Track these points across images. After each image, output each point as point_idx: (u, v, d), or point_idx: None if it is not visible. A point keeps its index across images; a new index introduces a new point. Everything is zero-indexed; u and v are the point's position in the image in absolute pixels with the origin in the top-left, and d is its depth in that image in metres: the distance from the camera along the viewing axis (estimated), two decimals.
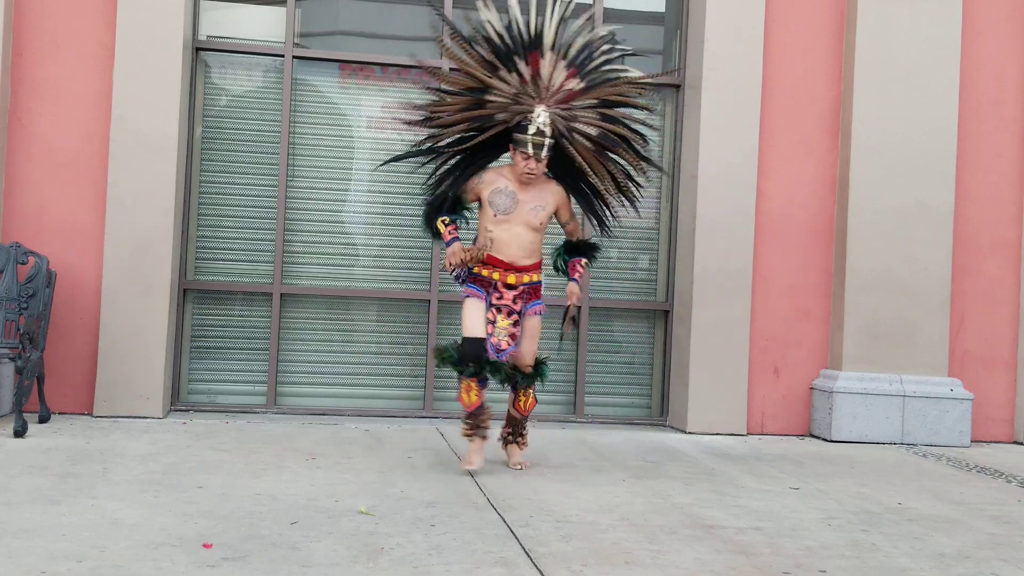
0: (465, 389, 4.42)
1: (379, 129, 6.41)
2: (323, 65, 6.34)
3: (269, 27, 6.36)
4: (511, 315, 4.41)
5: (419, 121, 4.48)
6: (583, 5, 4.45)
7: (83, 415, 5.66)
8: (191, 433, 5.24)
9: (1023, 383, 6.54)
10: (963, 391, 6.29)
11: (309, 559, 2.96)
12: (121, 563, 2.83)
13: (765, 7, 6.24)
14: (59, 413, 5.62)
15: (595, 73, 4.39)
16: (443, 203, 4.44)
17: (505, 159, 4.55)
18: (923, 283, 6.28)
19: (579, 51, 4.35)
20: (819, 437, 6.21)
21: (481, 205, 4.47)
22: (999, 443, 6.50)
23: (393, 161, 4.80)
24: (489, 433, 4.51)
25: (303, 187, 6.29)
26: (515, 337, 4.42)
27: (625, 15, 6.67)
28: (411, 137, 4.62)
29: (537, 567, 3.00)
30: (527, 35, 4.30)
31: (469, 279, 4.46)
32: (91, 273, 5.70)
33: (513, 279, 4.41)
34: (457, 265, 4.35)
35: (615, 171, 4.52)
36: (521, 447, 4.64)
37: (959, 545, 3.55)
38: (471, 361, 4.36)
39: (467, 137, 4.48)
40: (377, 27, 6.51)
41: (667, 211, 6.55)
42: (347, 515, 3.53)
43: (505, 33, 4.31)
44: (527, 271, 4.45)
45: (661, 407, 6.53)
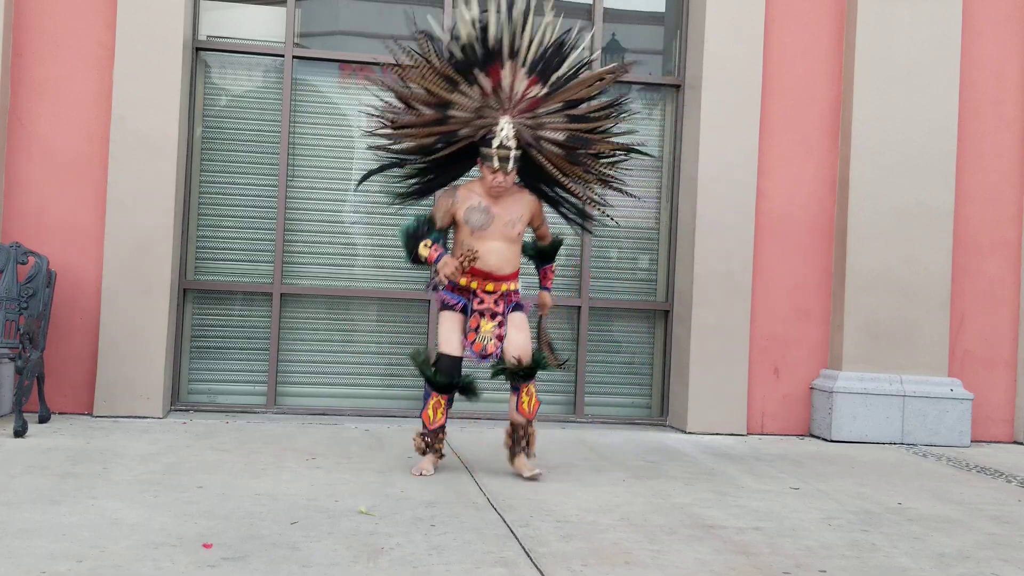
0: (433, 406, 4.38)
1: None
2: (323, 65, 6.34)
3: (269, 27, 6.37)
4: (495, 317, 4.39)
5: (384, 135, 4.43)
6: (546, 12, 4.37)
7: (83, 415, 5.66)
8: (191, 433, 5.24)
9: (1023, 383, 6.55)
10: (963, 391, 6.29)
11: (309, 559, 2.96)
12: (121, 563, 2.83)
13: (765, 7, 6.24)
14: (59, 413, 5.62)
15: (556, 76, 4.30)
16: (420, 231, 4.36)
17: (476, 173, 4.50)
18: (923, 283, 6.28)
19: (537, 57, 4.26)
20: (819, 437, 6.21)
21: (457, 224, 4.41)
22: (999, 443, 6.50)
23: (367, 178, 4.69)
24: (444, 453, 4.53)
25: (303, 187, 6.29)
26: (502, 339, 4.39)
27: (625, 15, 6.68)
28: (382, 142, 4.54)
29: (537, 567, 3.00)
30: (484, 47, 4.23)
31: (447, 286, 4.41)
32: (91, 273, 5.70)
33: (491, 287, 4.39)
34: (450, 275, 4.28)
35: (592, 166, 4.44)
36: (530, 456, 4.46)
37: (959, 545, 3.55)
38: (446, 378, 4.34)
39: (435, 150, 4.43)
40: (377, 27, 6.50)
41: (667, 211, 6.55)
42: (347, 515, 3.53)
43: (462, 48, 4.24)
44: (505, 280, 4.42)
45: (661, 407, 6.53)
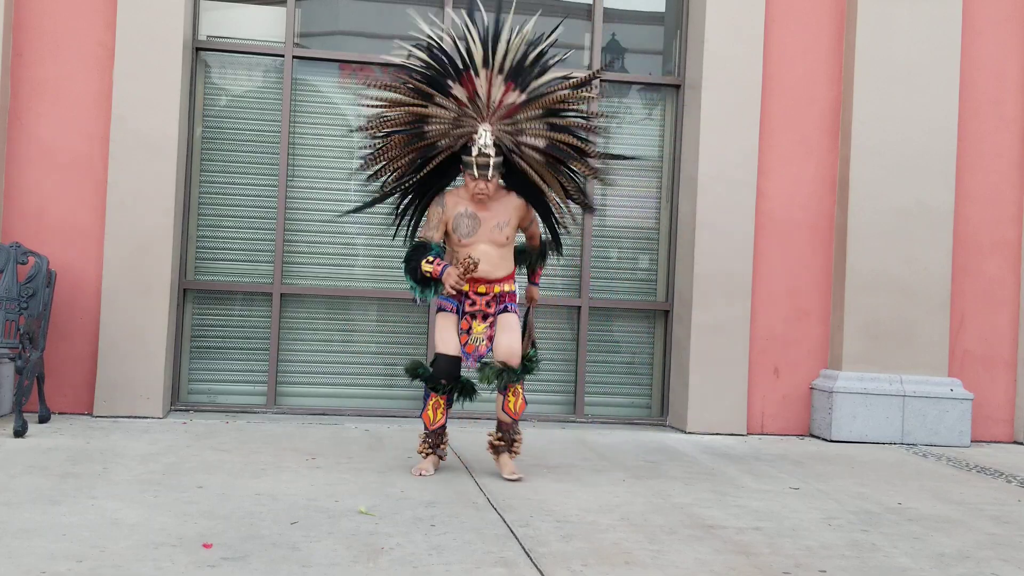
0: (433, 407, 4.40)
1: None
2: (323, 65, 6.34)
3: (269, 27, 6.37)
4: (486, 319, 4.39)
5: (367, 156, 4.42)
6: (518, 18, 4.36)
7: (83, 415, 5.66)
8: (191, 433, 5.24)
9: (1023, 383, 6.55)
10: (963, 391, 6.29)
11: (309, 559, 2.96)
12: (121, 563, 2.83)
13: (765, 7, 6.24)
14: (59, 413, 5.62)
15: (532, 82, 4.28)
16: (418, 253, 4.32)
17: (459, 182, 4.50)
18: (923, 283, 6.28)
19: (512, 64, 4.24)
20: (819, 437, 6.21)
21: (448, 233, 4.40)
22: (999, 443, 6.50)
23: (357, 211, 4.70)
24: (445, 455, 4.52)
25: (303, 187, 6.29)
26: (492, 339, 4.40)
27: (625, 15, 6.68)
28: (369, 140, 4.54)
29: (537, 567, 3.00)
30: (456, 58, 4.24)
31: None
32: (91, 273, 5.70)
33: (483, 289, 4.38)
34: (455, 285, 4.22)
35: (565, 182, 4.43)
36: (513, 455, 4.47)
37: (959, 545, 3.55)
38: (444, 378, 4.36)
39: (420, 167, 4.43)
40: (377, 27, 6.51)
41: (667, 211, 6.55)
42: (347, 515, 3.53)
43: (434, 61, 4.25)
44: (498, 282, 4.41)
45: (661, 407, 6.53)
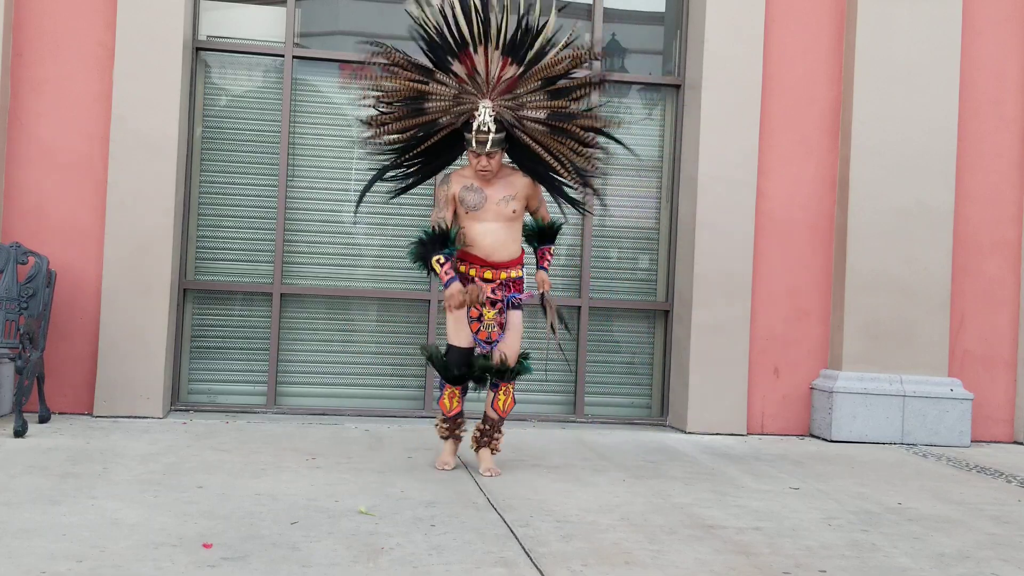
0: (449, 396, 4.50)
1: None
2: (323, 65, 6.34)
3: (269, 27, 6.37)
4: (495, 305, 4.41)
5: (366, 136, 4.45)
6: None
7: (83, 415, 5.66)
8: (191, 433, 5.24)
9: (1023, 383, 6.54)
10: (963, 391, 6.28)
11: (309, 559, 2.96)
12: (121, 563, 2.83)
13: (765, 7, 6.24)
14: (59, 413, 5.62)
15: (527, 53, 4.30)
16: (435, 238, 4.31)
17: (464, 161, 4.54)
18: (923, 283, 6.28)
19: (507, 38, 4.27)
20: (819, 437, 6.21)
21: (457, 211, 4.42)
22: (999, 443, 6.50)
23: (363, 196, 4.68)
24: (463, 436, 4.60)
25: (303, 187, 6.29)
26: (503, 326, 4.42)
27: (625, 15, 6.67)
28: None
29: (537, 567, 3.00)
30: (452, 36, 4.28)
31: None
32: (91, 273, 5.70)
33: (490, 275, 4.40)
34: (457, 307, 4.27)
35: (573, 147, 4.42)
36: (493, 451, 4.52)
37: (959, 545, 3.55)
38: (457, 369, 4.43)
39: (419, 142, 4.45)
40: (377, 27, 6.50)
41: (667, 211, 6.55)
42: (347, 515, 3.53)
43: (431, 38, 4.30)
44: (505, 267, 4.42)
45: (661, 407, 6.53)
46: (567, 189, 4.56)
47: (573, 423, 6.35)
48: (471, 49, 4.29)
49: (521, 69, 4.32)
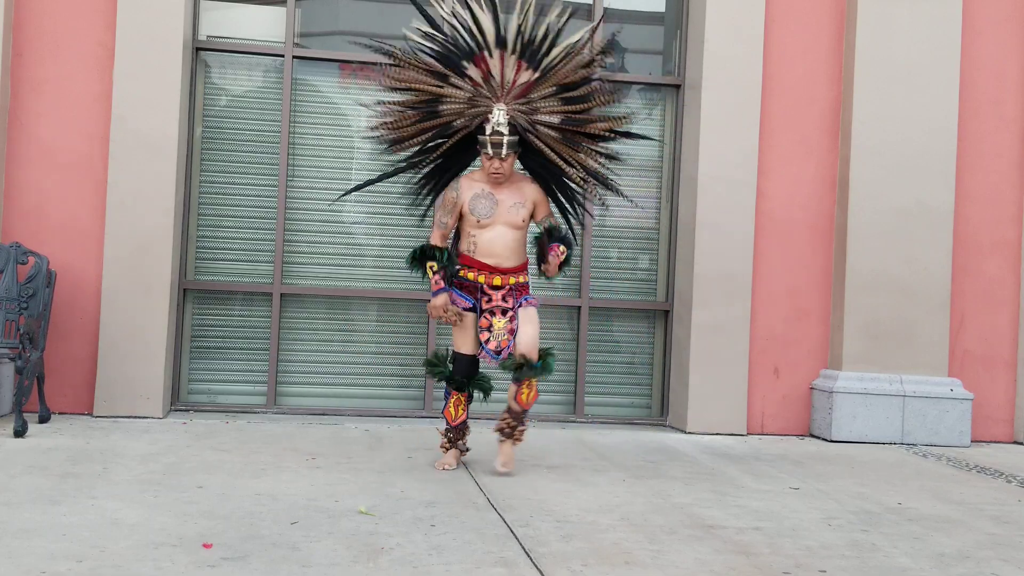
0: (454, 404, 4.53)
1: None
2: (323, 65, 6.34)
3: (269, 27, 6.37)
4: (506, 313, 4.41)
5: (379, 137, 4.45)
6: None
7: (83, 415, 5.66)
8: (191, 433, 5.24)
9: (1023, 383, 6.54)
10: (963, 391, 6.28)
11: (309, 559, 2.96)
12: (121, 563, 2.83)
13: (765, 7, 6.24)
14: (59, 413, 5.62)
15: (544, 59, 4.31)
16: (429, 251, 4.41)
17: (477, 165, 4.53)
18: (923, 283, 6.28)
19: (523, 43, 4.27)
20: (819, 437, 6.21)
21: (463, 216, 4.44)
22: (999, 443, 6.50)
23: (359, 188, 4.80)
24: (466, 448, 4.62)
25: (303, 187, 6.28)
26: (513, 332, 4.41)
27: (625, 15, 6.68)
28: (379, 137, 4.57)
29: (537, 567, 3.00)
30: (468, 40, 4.29)
31: (455, 283, 4.45)
32: (91, 273, 5.70)
33: (499, 281, 4.41)
34: (435, 319, 4.47)
35: (588, 154, 4.43)
36: (515, 443, 4.50)
37: (959, 545, 3.55)
38: (463, 377, 4.50)
39: (434, 147, 4.47)
40: (377, 27, 6.50)
41: (667, 211, 6.55)
42: (347, 515, 3.53)
43: (447, 42, 4.31)
44: (512, 273, 4.43)
45: (661, 407, 6.53)
46: (574, 202, 4.56)
47: (573, 423, 6.35)
48: (487, 53, 4.30)
49: (537, 75, 4.33)
